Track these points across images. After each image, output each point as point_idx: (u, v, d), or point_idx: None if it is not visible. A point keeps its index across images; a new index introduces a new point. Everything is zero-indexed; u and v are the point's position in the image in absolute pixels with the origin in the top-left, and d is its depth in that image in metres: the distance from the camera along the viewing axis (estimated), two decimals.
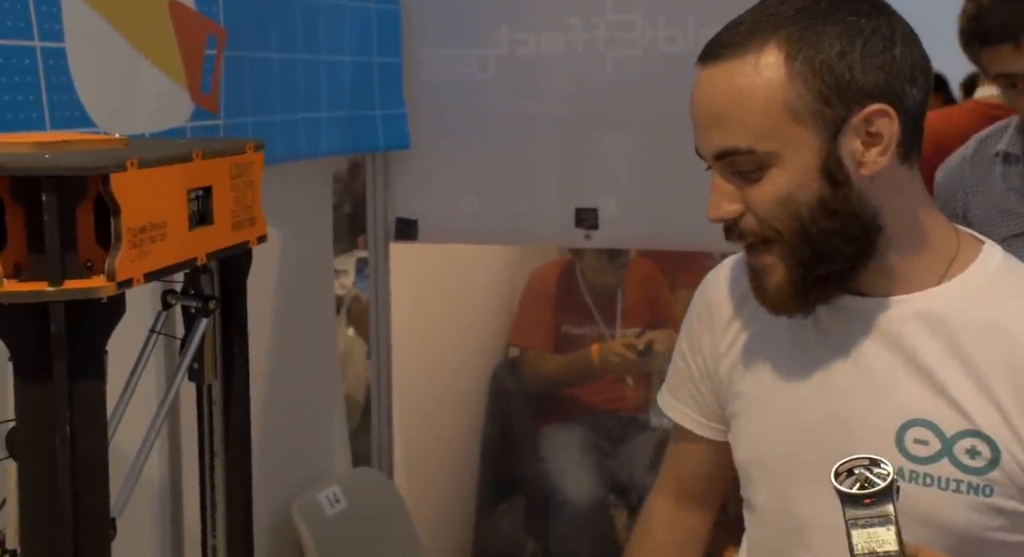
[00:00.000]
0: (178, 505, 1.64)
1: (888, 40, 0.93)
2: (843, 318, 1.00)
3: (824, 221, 0.94)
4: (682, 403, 1.16)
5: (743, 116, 0.94)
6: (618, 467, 2.86)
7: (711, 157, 0.98)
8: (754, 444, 1.06)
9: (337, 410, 2.27)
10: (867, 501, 0.80)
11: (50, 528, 0.86)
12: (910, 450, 0.95)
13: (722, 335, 1.10)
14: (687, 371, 1.15)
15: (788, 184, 0.94)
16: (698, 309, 1.15)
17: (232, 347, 1.16)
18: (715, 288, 1.14)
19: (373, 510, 2.18)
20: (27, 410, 0.86)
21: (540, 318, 2.93)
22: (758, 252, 0.98)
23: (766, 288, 0.98)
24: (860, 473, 0.82)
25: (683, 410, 1.16)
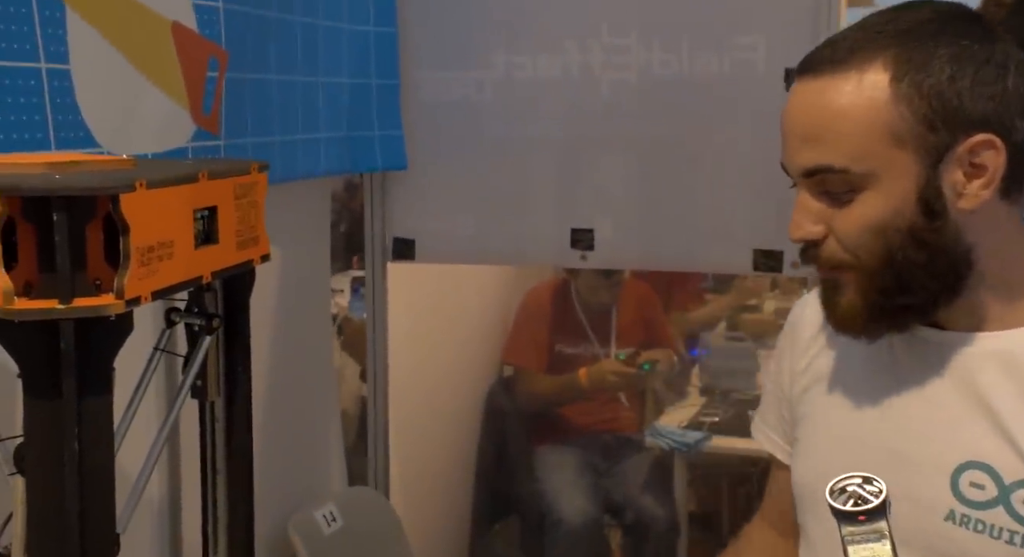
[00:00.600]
0: (177, 521, 1.64)
1: (1002, 68, 0.89)
2: (918, 350, 0.97)
3: (912, 251, 0.90)
4: (772, 430, 1.14)
5: (840, 134, 0.90)
6: (613, 487, 2.87)
7: (800, 174, 0.94)
8: (810, 468, 1.03)
9: (333, 429, 2.28)
10: (861, 518, 0.81)
11: (57, 543, 0.87)
12: (965, 493, 0.91)
13: (801, 355, 1.08)
14: (775, 395, 1.13)
15: (881, 209, 0.90)
16: (785, 331, 1.13)
17: (235, 365, 1.17)
18: (801, 310, 1.12)
19: (369, 528, 2.18)
20: (36, 426, 0.87)
21: (534, 337, 2.95)
22: (833, 272, 0.95)
23: (836, 304, 0.95)
24: (854, 490, 0.83)
25: (772, 438, 1.14)
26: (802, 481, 1.05)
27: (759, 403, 1.21)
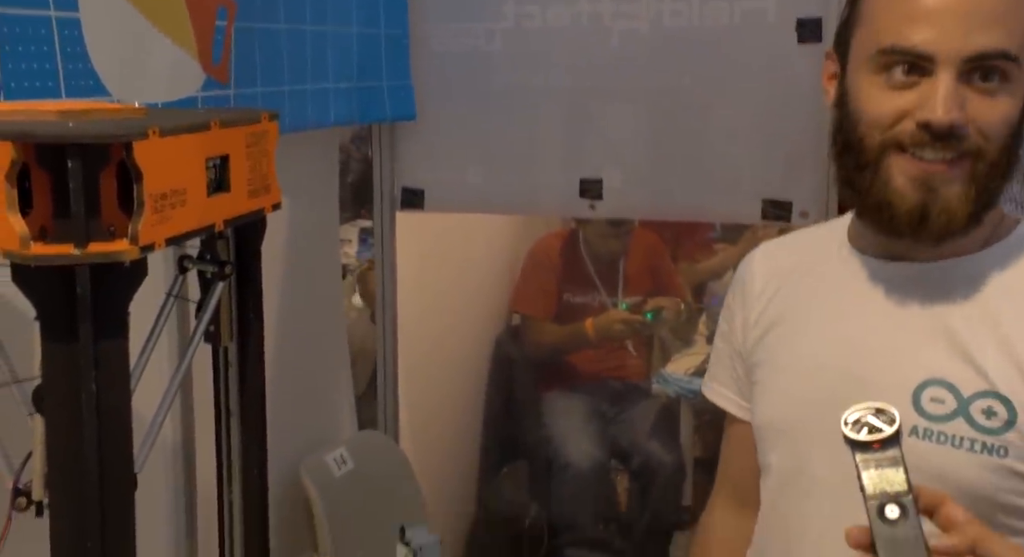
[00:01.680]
0: (191, 463, 1.68)
1: None
2: (881, 283, 1.01)
3: (1016, 148, 0.94)
4: (724, 387, 1.17)
5: (1020, 21, 0.90)
6: (620, 433, 2.91)
7: (963, 58, 0.91)
8: (770, 405, 1.07)
9: (343, 375, 2.31)
10: (876, 446, 0.82)
11: (76, 481, 0.90)
12: (926, 408, 0.95)
13: (752, 307, 1.11)
14: (726, 352, 1.16)
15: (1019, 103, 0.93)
16: (733, 290, 1.17)
17: (247, 311, 1.20)
18: (748, 267, 1.15)
19: (379, 472, 2.23)
20: (53, 368, 0.90)
21: (542, 286, 2.97)
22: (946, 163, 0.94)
23: (946, 199, 0.94)
24: (867, 420, 0.84)
25: (725, 393, 1.17)
26: (762, 420, 1.08)
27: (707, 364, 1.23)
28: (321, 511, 2.01)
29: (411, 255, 2.38)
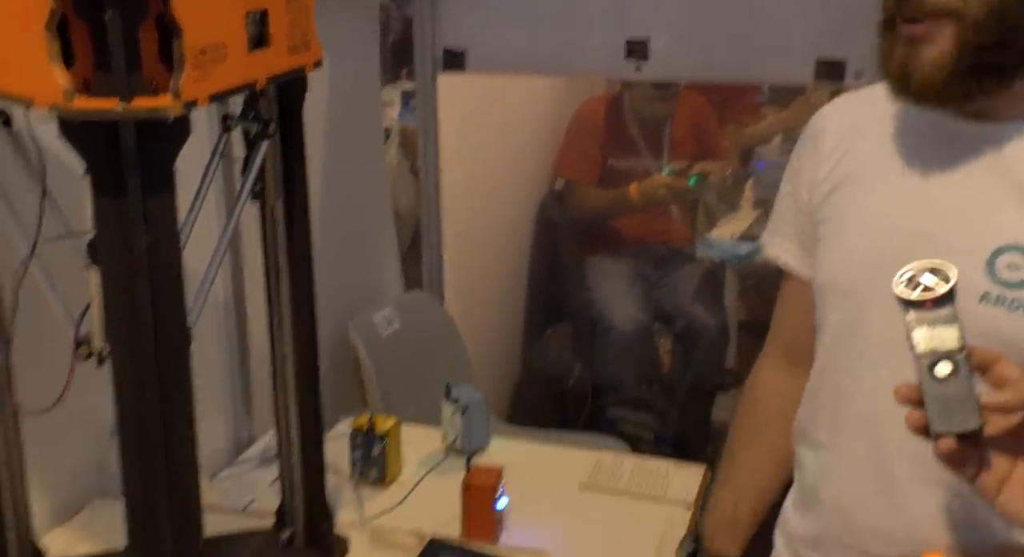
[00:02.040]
0: (243, 321, 1.73)
1: None
2: (955, 140, 0.98)
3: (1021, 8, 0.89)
4: (785, 242, 1.15)
5: None
6: (663, 297, 2.92)
7: None
8: (833, 264, 1.05)
9: (388, 235, 2.34)
10: (928, 304, 0.81)
11: (132, 333, 0.94)
12: (1000, 274, 0.93)
13: (822, 164, 1.08)
14: (790, 208, 1.14)
15: None
16: (801, 146, 1.13)
17: (292, 169, 1.21)
18: (820, 123, 1.11)
19: (425, 331, 2.28)
20: (105, 222, 0.92)
21: (586, 151, 2.94)
22: (922, 24, 0.92)
23: (921, 60, 0.92)
24: (921, 279, 0.82)
25: (785, 249, 1.15)
26: (826, 278, 1.07)
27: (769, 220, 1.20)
28: (369, 369, 2.07)
29: (454, 118, 2.36)
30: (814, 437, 1.08)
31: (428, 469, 1.62)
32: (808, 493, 1.08)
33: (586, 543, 1.41)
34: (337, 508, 1.38)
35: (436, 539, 1.32)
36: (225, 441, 1.74)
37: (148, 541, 0.98)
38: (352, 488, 1.55)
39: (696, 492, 1.56)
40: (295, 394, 1.30)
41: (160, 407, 0.95)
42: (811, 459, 1.08)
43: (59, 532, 1.38)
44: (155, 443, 0.95)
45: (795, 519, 1.11)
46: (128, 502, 0.99)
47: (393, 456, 1.57)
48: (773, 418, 1.20)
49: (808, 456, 1.09)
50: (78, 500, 1.44)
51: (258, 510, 1.46)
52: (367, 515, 1.47)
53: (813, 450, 1.08)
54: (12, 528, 1.20)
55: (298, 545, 1.34)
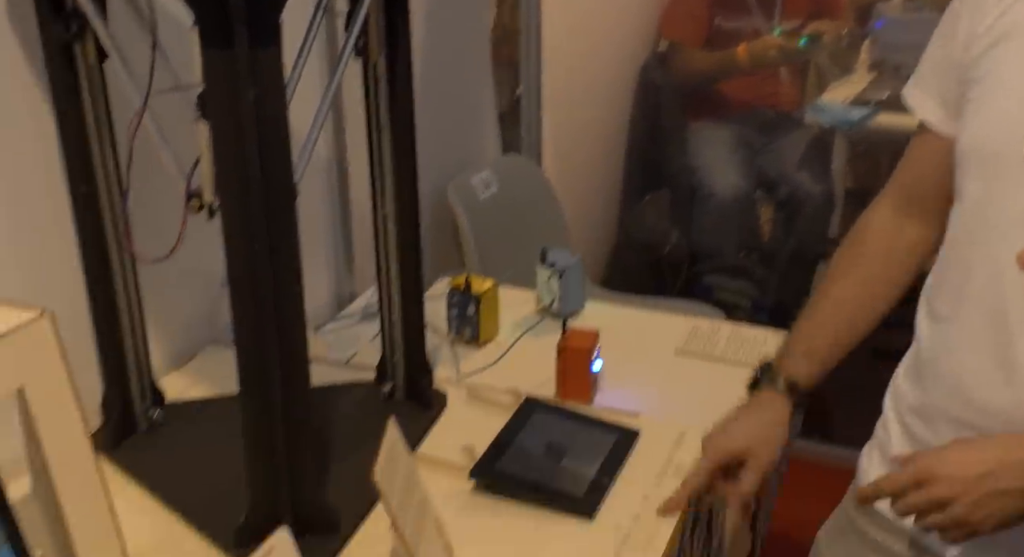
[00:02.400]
0: (344, 179, 1.75)
1: None
2: None
3: None
4: (928, 94, 1.09)
5: None
6: (767, 164, 2.84)
7: None
8: (982, 126, 0.99)
9: (487, 98, 2.30)
10: None
11: (241, 186, 0.95)
12: None
13: (985, 15, 1.00)
14: (941, 59, 1.07)
15: None
16: None
17: (395, 24, 1.18)
18: None
19: (522, 195, 2.27)
20: (213, 74, 0.92)
21: (692, 11, 2.81)
22: None
23: None
24: None
25: (928, 104, 1.08)
26: (972, 141, 1.01)
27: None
28: (467, 231, 2.08)
29: None
30: (936, 308, 1.04)
31: (524, 331, 1.63)
32: (923, 364, 1.05)
33: (680, 407, 1.42)
34: (435, 365, 1.42)
35: (532, 398, 1.35)
36: (328, 296, 1.79)
37: (259, 387, 1.02)
38: (449, 346, 1.58)
39: None
40: (396, 252, 1.31)
41: (269, 259, 0.97)
42: (930, 330, 1.05)
43: (174, 377, 1.45)
44: (265, 294, 0.98)
45: (906, 386, 1.09)
46: (239, 350, 1.02)
47: (488, 316, 1.59)
48: (872, 255, 1.16)
49: (928, 327, 1.06)
50: (191, 347, 1.50)
51: (360, 363, 1.50)
52: (463, 373, 1.50)
53: (934, 321, 1.05)
54: (134, 371, 1.26)
55: (398, 398, 1.38)
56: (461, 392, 1.40)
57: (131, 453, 1.24)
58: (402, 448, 1.03)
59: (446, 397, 1.39)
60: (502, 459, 1.21)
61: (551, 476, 1.19)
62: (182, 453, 1.25)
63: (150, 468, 1.21)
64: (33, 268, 1.22)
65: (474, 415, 1.36)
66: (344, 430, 1.28)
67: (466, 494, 1.18)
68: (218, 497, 1.14)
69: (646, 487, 1.19)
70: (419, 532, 1.00)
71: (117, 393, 1.24)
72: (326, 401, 1.33)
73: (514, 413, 1.31)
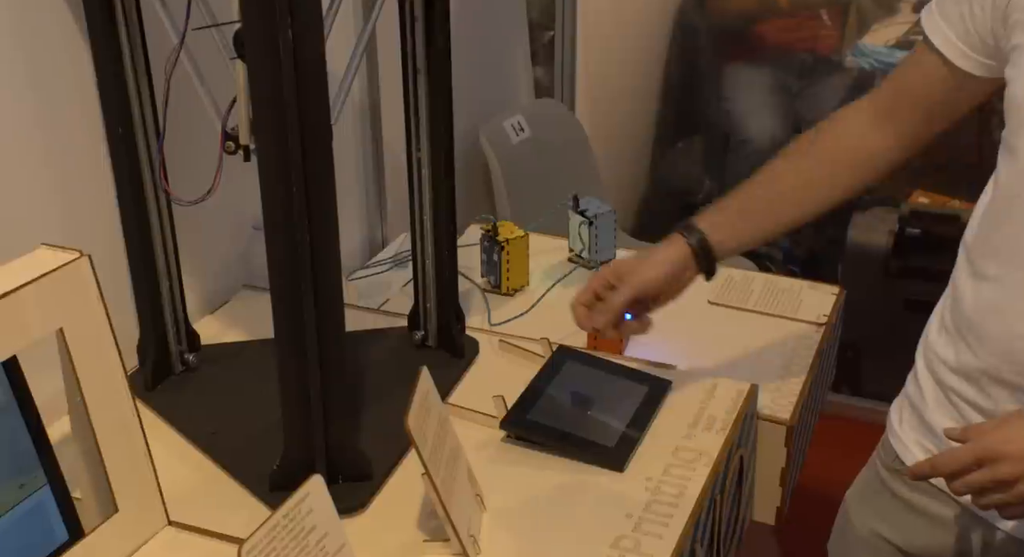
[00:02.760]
0: (378, 121, 1.73)
1: None
2: None
3: None
4: (949, 25, 1.04)
5: None
6: (805, 109, 2.78)
7: None
8: None
9: (521, 42, 2.27)
10: None
11: (277, 126, 0.93)
12: None
13: None
14: None
15: None
16: None
17: None
18: None
19: (555, 139, 2.24)
20: (251, 12, 0.90)
21: None
22: None
23: None
24: None
25: (947, 34, 1.04)
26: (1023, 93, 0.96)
27: None
28: (499, 176, 2.07)
29: None
30: (982, 267, 1.01)
31: (555, 280, 1.62)
32: (967, 324, 1.03)
33: (713, 358, 1.41)
34: (467, 313, 1.41)
35: (564, 347, 1.34)
36: (359, 243, 1.78)
37: (293, 331, 1.01)
38: (480, 294, 1.57)
39: (829, 312, 1.52)
40: (430, 198, 1.30)
41: (305, 202, 0.96)
42: (975, 289, 1.02)
43: (209, 320, 1.45)
44: (300, 238, 0.97)
45: (943, 345, 1.06)
46: (274, 295, 1.02)
47: (516, 266, 1.57)
48: (830, 150, 1.14)
49: (971, 286, 1.03)
50: (226, 291, 1.50)
51: (391, 310, 1.49)
52: (495, 321, 1.50)
53: (980, 280, 1.02)
54: (170, 312, 1.26)
55: (430, 346, 1.37)
56: (493, 340, 1.40)
57: (167, 396, 1.25)
58: (435, 397, 1.03)
59: (478, 345, 1.39)
60: (533, 409, 1.21)
61: (582, 427, 1.19)
62: (217, 397, 1.25)
63: (185, 412, 1.22)
64: (69, 210, 1.22)
65: (505, 364, 1.35)
66: (376, 377, 1.28)
67: (497, 443, 1.18)
68: (252, 442, 1.14)
69: (677, 439, 1.19)
70: (451, 480, 1.00)
71: (153, 336, 1.24)
72: (358, 347, 1.32)
73: (545, 362, 1.30)
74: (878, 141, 1.12)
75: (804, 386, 1.35)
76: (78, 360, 0.90)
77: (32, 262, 0.88)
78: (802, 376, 1.37)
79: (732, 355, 1.43)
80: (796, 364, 1.40)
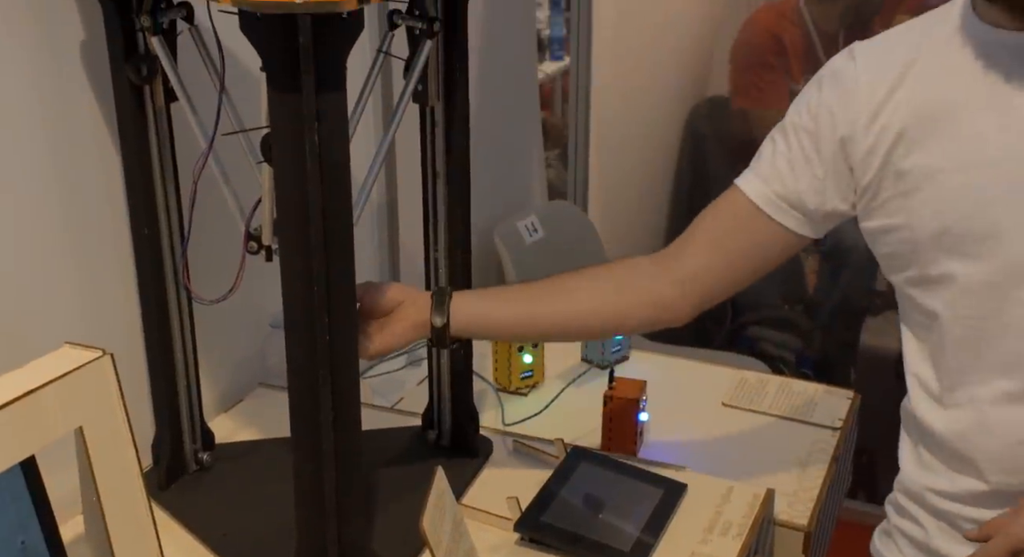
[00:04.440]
0: (394, 223, 1.75)
1: None
2: None
3: None
4: (768, 186, 1.10)
5: None
6: None
7: None
8: (941, 211, 0.99)
9: (535, 144, 2.32)
10: None
11: (301, 226, 0.95)
12: None
13: (871, 118, 1.02)
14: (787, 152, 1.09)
15: None
16: (828, 89, 1.06)
17: (454, 69, 1.19)
18: (850, 69, 1.05)
19: (568, 240, 2.26)
20: (279, 117, 0.93)
21: (764, 78, 2.75)
22: None
23: None
24: None
25: (765, 193, 1.10)
26: (932, 228, 1.00)
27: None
28: (513, 275, 2.08)
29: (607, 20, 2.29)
30: (950, 398, 1.04)
31: (569, 381, 1.62)
32: (949, 453, 1.05)
33: (728, 460, 1.39)
34: (480, 412, 1.40)
35: (578, 448, 1.33)
36: None
37: (310, 430, 1.01)
38: (494, 393, 1.57)
39: (844, 417, 1.52)
40: None
41: (326, 302, 0.97)
42: (947, 419, 1.04)
43: (223, 419, 1.44)
44: (320, 337, 0.97)
45: (931, 479, 1.07)
46: (292, 392, 1.02)
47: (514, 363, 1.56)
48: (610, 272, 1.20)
49: (940, 417, 1.05)
50: (241, 389, 1.50)
51: (405, 409, 1.49)
52: (508, 421, 1.49)
53: (951, 409, 1.04)
54: (186, 412, 1.26)
55: (444, 445, 1.37)
56: (507, 440, 1.39)
57: (180, 496, 1.24)
58: (450, 498, 1.02)
59: (492, 445, 1.38)
60: (547, 512, 1.19)
61: (597, 530, 1.17)
62: (230, 496, 1.24)
63: (198, 512, 1.20)
64: (91, 307, 1.23)
65: (519, 464, 1.34)
66: (390, 476, 1.27)
67: (511, 546, 1.17)
68: (263, 543, 1.13)
69: (693, 544, 1.17)
70: None
71: (168, 434, 1.24)
72: (372, 446, 1.31)
73: (560, 464, 1.29)
74: (648, 272, 1.17)
75: (821, 491, 1.33)
76: (96, 460, 0.90)
77: (56, 360, 0.89)
78: (819, 481, 1.36)
79: (747, 458, 1.41)
80: (812, 469, 1.39)
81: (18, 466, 0.85)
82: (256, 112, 0.99)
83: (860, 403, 1.58)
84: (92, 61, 1.15)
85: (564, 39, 3.01)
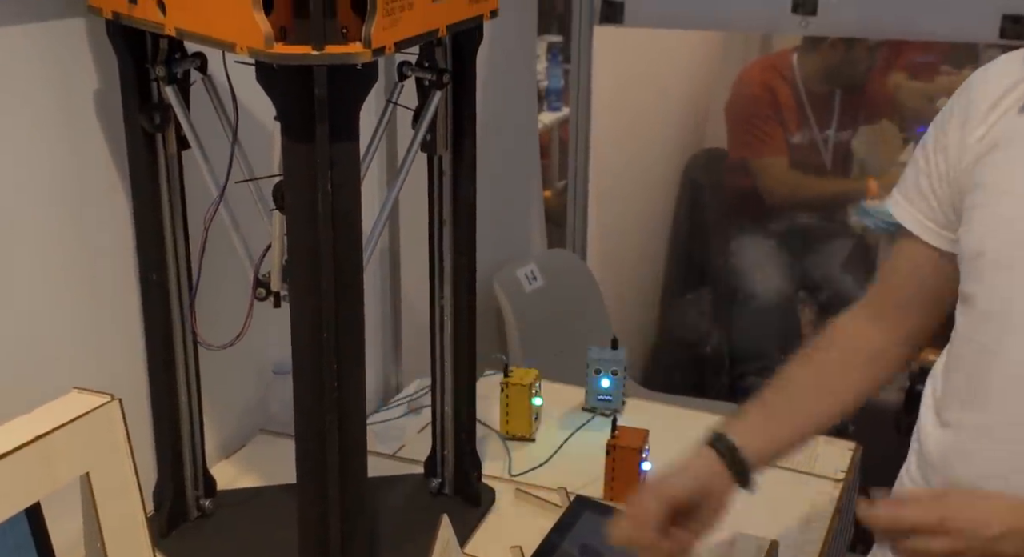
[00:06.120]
0: (396, 270, 1.76)
1: None
2: None
3: None
4: (914, 207, 1.09)
5: None
6: (811, 265, 2.83)
7: None
8: (986, 234, 1.00)
9: (535, 192, 2.33)
10: None
11: (311, 273, 0.96)
12: None
13: (976, 125, 1.03)
14: (927, 170, 1.08)
15: None
16: (955, 103, 1.07)
17: (462, 120, 1.21)
18: (979, 81, 1.05)
19: (567, 288, 2.27)
20: (293, 166, 0.94)
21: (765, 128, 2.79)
22: None
23: None
24: None
25: (914, 214, 1.08)
26: (973, 249, 1.01)
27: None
28: (512, 323, 2.09)
29: (607, 72, 2.33)
30: (945, 416, 1.04)
31: (573, 430, 1.61)
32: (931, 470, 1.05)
33: (731, 511, 1.38)
34: (483, 459, 1.40)
35: (582, 497, 1.32)
36: (373, 387, 1.78)
37: (315, 475, 1.01)
38: (497, 440, 1.56)
39: (847, 468, 1.51)
40: (451, 345, 1.31)
41: (335, 349, 0.97)
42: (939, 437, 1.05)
43: (224, 465, 1.43)
44: (329, 382, 0.98)
45: None
46: (298, 437, 1.02)
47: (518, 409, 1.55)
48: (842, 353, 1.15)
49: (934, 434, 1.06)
50: (243, 435, 1.49)
51: (407, 456, 1.48)
52: (513, 470, 1.48)
53: (943, 428, 1.05)
54: (189, 458, 1.25)
55: (447, 493, 1.36)
56: (510, 488, 1.38)
57: (181, 542, 1.23)
58: (454, 546, 1.02)
59: (494, 493, 1.37)
60: None
61: None
62: (232, 544, 1.23)
63: None
64: (96, 351, 1.23)
65: (522, 513, 1.33)
66: (393, 524, 1.26)
67: None
68: None
69: None
70: None
71: (171, 480, 1.23)
72: (374, 494, 1.30)
73: (563, 513, 1.28)
74: (879, 340, 1.13)
75: (824, 543, 1.33)
76: (102, 506, 0.90)
77: (64, 405, 0.89)
78: (823, 533, 1.35)
79: (750, 509, 1.40)
80: (815, 520, 1.38)
81: (23, 513, 0.85)
82: (264, 161, 1.00)
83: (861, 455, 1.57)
84: (106, 108, 1.16)
85: (562, 90, 3.04)
